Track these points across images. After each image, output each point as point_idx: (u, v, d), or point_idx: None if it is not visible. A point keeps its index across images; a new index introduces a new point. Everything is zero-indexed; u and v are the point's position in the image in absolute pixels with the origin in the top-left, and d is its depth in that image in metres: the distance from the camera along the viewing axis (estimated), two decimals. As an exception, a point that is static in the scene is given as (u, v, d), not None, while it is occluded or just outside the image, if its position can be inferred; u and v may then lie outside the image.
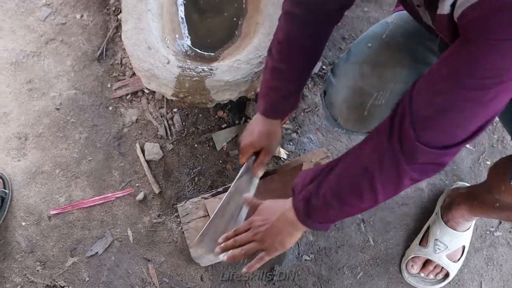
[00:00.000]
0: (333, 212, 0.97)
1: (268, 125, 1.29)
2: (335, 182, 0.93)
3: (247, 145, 1.33)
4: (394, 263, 1.55)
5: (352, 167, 0.91)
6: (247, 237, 1.12)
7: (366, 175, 0.88)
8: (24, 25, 1.94)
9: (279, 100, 1.24)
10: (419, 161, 0.82)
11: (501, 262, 1.55)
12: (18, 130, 1.74)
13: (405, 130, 0.80)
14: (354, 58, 1.18)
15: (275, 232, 1.07)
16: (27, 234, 1.60)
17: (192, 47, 1.65)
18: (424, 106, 0.78)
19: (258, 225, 1.11)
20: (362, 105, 1.14)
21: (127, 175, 1.66)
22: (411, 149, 0.80)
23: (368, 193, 0.89)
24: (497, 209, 1.22)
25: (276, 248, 1.09)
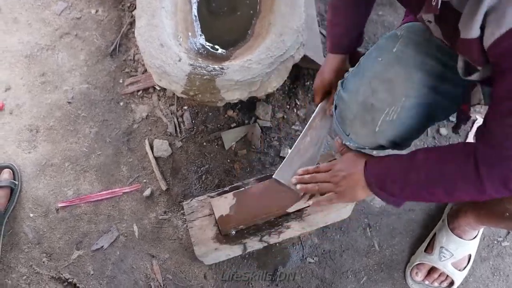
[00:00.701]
0: (410, 191, 1.04)
1: (336, 62, 1.35)
2: (422, 163, 1.01)
3: (318, 84, 1.39)
4: (398, 269, 1.54)
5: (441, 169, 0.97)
6: (326, 176, 1.24)
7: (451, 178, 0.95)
8: (40, 19, 1.96)
9: (342, 34, 1.31)
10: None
11: (507, 273, 1.54)
12: (30, 122, 1.76)
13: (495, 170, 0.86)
14: (364, 73, 1.17)
15: (352, 181, 1.16)
16: (35, 225, 1.61)
17: (204, 45, 1.65)
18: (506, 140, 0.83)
19: (339, 169, 1.20)
20: (373, 121, 1.14)
21: (135, 170, 1.67)
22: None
23: (444, 192, 0.98)
24: (507, 219, 1.21)
25: (347, 195, 1.19)
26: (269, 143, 1.69)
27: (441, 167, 0.96)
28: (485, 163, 0.86)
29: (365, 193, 1.15)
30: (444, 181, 0.95)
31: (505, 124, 0.81)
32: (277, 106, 1.74)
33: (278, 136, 1.70)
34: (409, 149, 1.60)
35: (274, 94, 1.74)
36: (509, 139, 0.81)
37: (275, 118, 1.73)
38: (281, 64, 1.46)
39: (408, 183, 1.02)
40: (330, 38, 1.34)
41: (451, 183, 0.94)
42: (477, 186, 0.89)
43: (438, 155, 0.98)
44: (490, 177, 0.86)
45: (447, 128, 1.71)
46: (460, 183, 0.93)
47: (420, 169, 1.00)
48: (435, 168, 0.97)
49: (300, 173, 1.30)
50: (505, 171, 0.84)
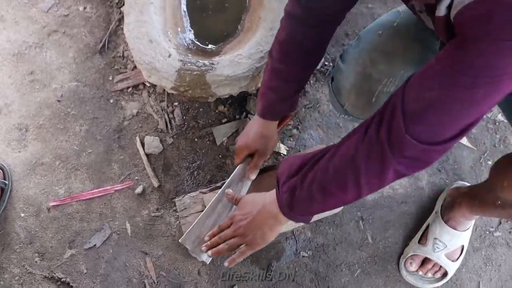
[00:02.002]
0: (316, 204, 0.97)
1: (265, 127, 1.30)
2: (321, 173, 0.93)
3: (241, 146, 1.34)
4: (392, 261, 1.55)
5: (339, 158, 0.90)
6: (229, 232, 1.14)
7: (351, 167, 0.87)
8: (27, 16, 1.93)
9: (277, 101, 1.24)
10: (406, 154, 0.80)
11: (499, 263, 1.55)
12: (19, 121, 1.75)
13: (395, 122, 0.79)
14: (364, 45, 1.18)
15: (256, 226, 1.09)
16: (26, 225, 1.60)
17: (194, 41, 1.64)
18: (415, 100, 0.77)
19: (239, 219, 1.13)
20: (370, 91, 1.14)
21: (127, 168, 1.66)
22: (398, 140, 0.79)
23: (352, 186, 0.89)
24: (499, 207, 1.22)
25: (258, 243, 1.10)
26: (261, 138, 1.69)
27: (345, 150, 0.89)
28: (384, 132, 0.81)
29: (274, 231, 1.09)
30: (350, 165, 0.88)
31: (421, 86, 0.78)
32: (268, 100, 1.73)
33: (270, 131, 1.70)
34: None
35: (259, 88, 1.73)
36: (416, 102, 0.77)
37: (266, 112, 1.72)
38: (270, 58, 1.45)
39: (314, 178, 0.94)
40: (263, 103, 1.26)
41: (357, 163, 0.87)
42: (381, 154, 0.83)
43: (341, 141, 0.93)
44: (391, 143, 0.81)
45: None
46: (364, 156, 0.85)
47: (325, 160, 0.94)
48: (341, 153, 0.91)
49: (207, 239, 1.21)
50: (397, 132, 0.79)
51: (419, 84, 0.78)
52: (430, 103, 0.75)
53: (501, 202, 1.18)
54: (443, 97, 0.73)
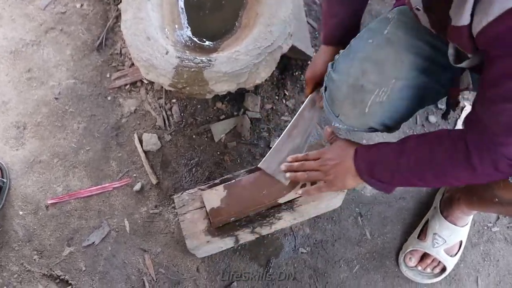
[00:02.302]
0: (399, 178, 1.06)
1: (329, 54, 1.31)
2: (414, 149, 1.02)
3: (309, 76, 1.36)
4: (390, 257, 1.55)
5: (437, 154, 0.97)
6: (315, 165, 1.24)
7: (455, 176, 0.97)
8: (24, 14, 1.93)
9: (337, 25, 1.28)
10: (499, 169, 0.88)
11: (498, 258, 1.55)
12: (17, 119, 1.74)
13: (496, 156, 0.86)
14: (355, 54, 1.17)
15: (341, 170, 1.16)
16: (25, 223, 1.60)
17: (191, 37, 1.64)
18: (496, 126, 0.83)
19: (328, 157, 1.20)
20: (363, 102, 1.14)
21: (125, 165, 1.66)
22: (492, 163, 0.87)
23: (437, 176, 0.99)
24: (497, 204, 1.21)
25: (337, 184, 1.19)
26: (259, 135, 1.69)
27: (431, 153, 0.96)
28: (475, 149, 0.87)
29: (355, 181, 1.15)
30: (434, 166, 0.96)
31: (491, 111, 0.82)
32: (266, 97, 1.73)
33: (268, 127, 1.70)
34: (398, 135, 1.61)
35: (263, 85, 1.73)
36: (495, 125, 0.82)
37: (264, 109, 1.72)
38: (269, 55, 1.45)
39: (398, 169, 1.03)
40: (325, 29, 1.31)
41: (441, 168, 0.95)
42: (469, 171, 0.90)
43: (428, 141, 0.99)
44: (481, 161, 0.87)
45: (436, 116, 1.71)
46: (450, 168, 0.94)
47: (410, 155, 1.01)
48: (425, 154, 0.98)
49: (290, 160, 1.30)
50: (494, 155, 0.85)
51: (489, 112, 0.83)
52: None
53: (499, 199, 1.18)
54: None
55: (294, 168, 1.27)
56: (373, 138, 1.68)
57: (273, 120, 1.71)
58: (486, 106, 0.84)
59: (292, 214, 1.38)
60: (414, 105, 1.14)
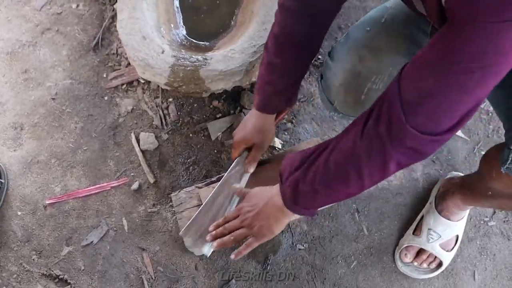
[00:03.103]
0: (320, 198, 0.98)
1: (262, 120, 1.29)
2: (322, 167, 0.93)
3: (239, 140, 1.34)
4: (387, 252, 1.56)
5: (339, 152, 0.91)
6: (236, 223, 1.15)
7: (353, 161, 0.88)
8: (20, 15, 1.93)
9: (273, 94, 1.23)
10: (407, 145, 0.81)
11: (494, 252, 1.56)
12: (14, 120, 1.75)
13: (394, 114, 0.79)
14: (352, 42, 1.18)
15: (263, 218, 1.09)
16: (23, 223, 1.61)
17: (187, 36, 1.65)
18: (412, 91, 0.77)
19: (246, 210, 1.13)
20: (359, 88, 1.14)
21: (122, 164, 1.67)
22: (399, 132, 0.80)
23: (355, 179, 0.89)
24: (490, 197, 1.23)
25: (265, 234, 1.10)
26: (256, 132, 1.69)
27: (345, 144, 0.90)
28: (383, 124, 0.82)
29: (280, 223, 1.09)
30: (351, 159, 0.88)
31: (416, 77, 0.77)
32: (262, 95, 1.74)
33: (264, 125, 1.70)
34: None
35: (256, 82, 1.74)
36: (414, 92, 0.77)
37: (261, 107, 1.72)
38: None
39: (316, 173, 0.95)
40: (260, 97, 1.25)
41: (357, 158, 0.87)
42: (382, 148, 0.83)
43: (340, 136, 0.93)
44: (388, 131, 0.81)
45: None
46: (364, 150, 0.86)
47: (326, 154, 0.94)
48: (340, 149, 0.91)
49: (211, 229, 1.20)
50: (398, 125, 0.79)
51: (414, 74, 0.78)
52: (427, 93, 0.75)
53: (492, 192, 1.19)
54: (438, 85, 0.73)
55: (218, 234, 1.17)
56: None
57: (269, 117, 1.72)
58: (410, 73, 0.79)
59: (289, 211, 1.39)
60: None
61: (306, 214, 1.04)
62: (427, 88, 0.75)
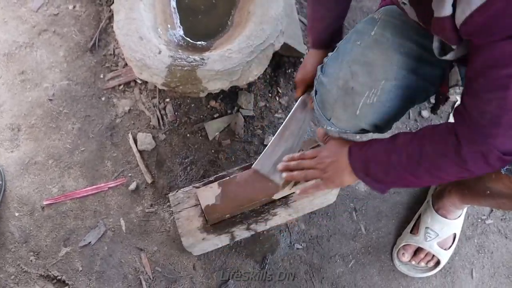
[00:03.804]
0: (391, 179, 1.05)
1: (318, 56, 1.32)
2: (400, 160, 1.00)
3: (300, 78, 1.37)
4: (385, 251, 1.56)
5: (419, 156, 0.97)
6: (311, 163, 1.22)
7: (431, 169, 0.96)
8: (17, 16, 1.93)
9: (324, 29, 1.28)
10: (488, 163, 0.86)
11: (492, 250, 1.56)
12: (11, 121, 1.75)
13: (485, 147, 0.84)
14: (343, 57, 1.18)
15: (338, 167, 1.15)
16: (21, 224, 1.60)
17: (184, 37, 1.64)
18: (480, 118, 0.82)
19: (325, 155, 1.19)
20: (354, 104, 1.14)
21: (120, 165, 1.67)
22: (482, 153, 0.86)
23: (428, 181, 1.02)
24: (488, 197, 1.22)
25: (334, 181, 1.18)
26: (253, 132, 1.70)
27: (422, 148, 0.96)
28: (465, 141, 0.86)
29: (352, 178, 1.14)
30: (426, 161, 0.95)
31: (478, 102, 0.81)
32: (259, 94, 1.74)
33: (261, 125, 1.71)
34: (391, 132, 1.62)
35: (256, 82, 1.74)
36: (484, 116, 0.81)
37: (258, 106, 1.73)
38: (261, 52, 1.46)
39: (390, 166, 1.02)
40: (312, 34, 1.31)
41: (433, 163, 0.94)
42: (459, 164, 0.89)
43: (419, 136, 0.98)
44: (471, 154, 0.86)
45: (428, 111, 1.73)
46: (441, 162, 0.92)
47: (401, 151, 1.00)
48: (415, 149, 0.97)
49: (286, 160, 1.29)
50: (484, 147, 0.84)
51: (475, 105, 0.83)
52: (495, 115, 0.80)
53: (490, 192, 1.19)
54: (503, 104, 0.78)
55: (291, 167, 1.26)
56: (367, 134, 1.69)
57: (266, 117, 1.72)
58: (472, 97, 0.84)
59: (287, 210, 1.39)
60: (405, 104, 1.15)
61: (376, 188, 1.10)
62: (493, 110, 0.79)
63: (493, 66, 0.75)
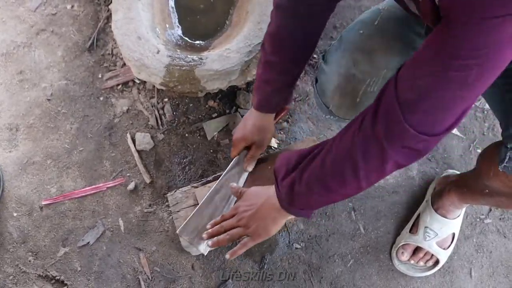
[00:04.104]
0: (316, 198, 0.98)
1: (261, 119, 1.30)
2: (319, 168, 0.93)
3: (238, 138, 1.35)
4: (384, 250, 1.56)
5: (335, 153, 0.91)
6: (232, 222, 1.15)
7: (349, 162, 0.87)
8: (15, 16, 1.93)
9: (271, 93, 1.24)
10: (405, 145, 0.81)
11: (490, 249, 1.56)
12: (9, 121, 1.74)
13: (392, 114, 0.79)
14: (346, 45, 1.18)
15: (259, 217, 1.09)
16: (19, 224, 1.60)
17: (182, 36, 1.65)
18: (409, 90, 0.77)
19: (243, 210, 1.14)
20: (354, 92, 1.14)
21: (118, 165, 1.67)
22: (397, 132, 0.79)
23: (351, 180, 0.89)
24: (487, 195, 1.23)
25: (260, 234, 1.11)
26: (252, 132, 1.69)
27: (341, 145, 0.90)
28: (381, 125, 0.81)
29: (276, 224, 1.10)
30: (348, 159, 0.88)
31: (415, 74, 0.77)
32: (258, 94, 1.74)
33: (260, 124, 1.70)
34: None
35: (254, 82, 1.74)
36: (412, 90, 0.76)
37: (257, 106, 1.73)
38: (259, 52, 1.46)
39: (312, 173, 0.96)
40: (258, 96, 1.27)
41: (354, 158, 0.87)
42: (379, 148, 0.83)
43: (336, 137, 0.93)
44: (385, 131, 0.81)
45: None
46: (361, 150, 0.86)
47: (322, 155, 0.94)
48: (337, 149, 0.91)
49: (209, 227, 1.21)
50: (398, 126, 0.79)
51: (411, 73, 0.78)
52: (425, 91, 0.75)
53: (489, 190, 1.19)
54: (436, 83, 0.73)
55: (215, 233, 1.18)
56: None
57: (265, 117, 1.72)
58: (411, 67, 0.79)
59: (285, 210, 1.39)
60: None
61: (302, 215, 1.04)
62: (425, 86, 0.74)
63: (452, 48, 0.70)
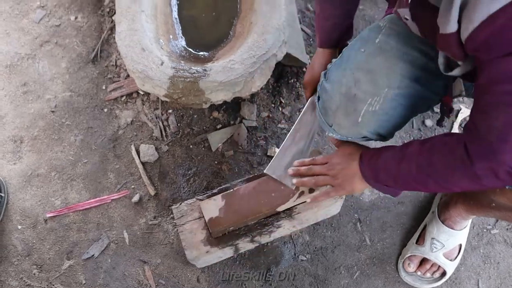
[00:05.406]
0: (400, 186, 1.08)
1: (326, 56, 1.32)
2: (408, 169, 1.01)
3: (308, 79, 1.37)
4: (390, 262, 1.55)
5: (427, 164, 0.97)
6: (322, 169, 1.24)
7: (439, 178, 0.96)
8: (19, 28, 1.93)
9: (332, 28, 1.28)
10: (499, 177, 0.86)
11: (498, 260, 1.55)
12: (14, 133, 1.74)
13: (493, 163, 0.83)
14: (347, 64, 1.17)
15: (349, 174, 1.17)
16: (24, 237, 1.60)
17: (186, 47, 1.64)
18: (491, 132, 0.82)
19: (336, 162, 1.21)
20: (356, 111, 1.14)
21: (123, 177, 1.66)
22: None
23: (434, 188, 1.01)
24: (494, 209, 1.22)
25: (345, 188, 1.20)
26: (256, 143, 1.69)
27: (431, 160, 0.96)
28: (475, 157, 0.86)
29: (362, 185, 1.16)
30: (435, 173, 0.95)
31: (486, 117, 0.81)
32: (262, 105, 1.74)
33: (265, 136, 1.70)
34: (395, 141, 1.62)
35: (259, 93, 1.74)
36: (491, 132, 0.80)
37: (261, 117, 1.72)
38: (264, 63, 1.46)
39: (400, 176, 1.03)
40: (320, 33, 1.32)
41: (442, 176, 0.95)
42: (470, 178, 0.89)
43: (428, 147, 0.98)
44: (482, 170, 0.86)
45: (432, 120, 1.72)
46: (450, 175, 0.93)
47: (410, 162, 1.00)
48: (425, 161, 0.97)
49: (296, 165, 1.30)
50: (493, 163, 0.83)
51: (484, 118, 0.83)
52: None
53: (496, 204, 1.18)
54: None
55: (301, 172, 1.28)
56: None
57: (269, 128, 1.71)
58: (479, 113, 0.84)
59: (291, 221, 1.38)
60: (407, 113, 1.14)
61: (388, 192, 1.12)
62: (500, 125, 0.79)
63: (498, 82, 0.75)
